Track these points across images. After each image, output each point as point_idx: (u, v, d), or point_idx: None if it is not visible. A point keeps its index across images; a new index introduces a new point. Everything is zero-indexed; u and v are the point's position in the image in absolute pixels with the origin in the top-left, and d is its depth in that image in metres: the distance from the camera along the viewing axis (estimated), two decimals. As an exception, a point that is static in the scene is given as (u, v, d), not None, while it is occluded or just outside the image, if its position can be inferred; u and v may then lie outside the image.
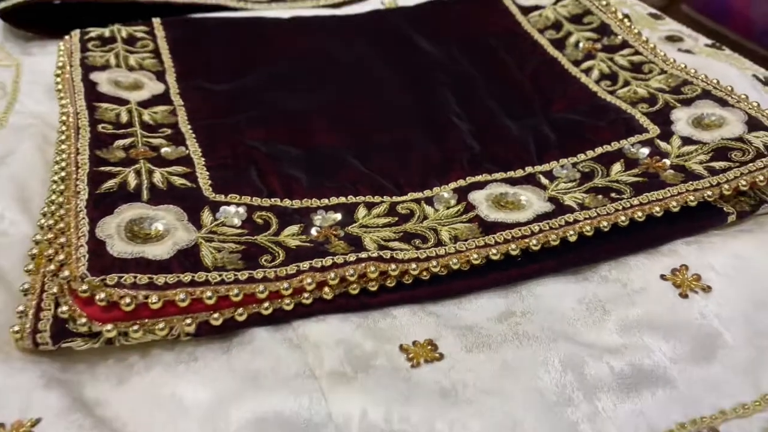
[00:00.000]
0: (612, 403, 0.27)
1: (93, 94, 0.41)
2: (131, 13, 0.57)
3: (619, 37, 0.50)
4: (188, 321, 0.29)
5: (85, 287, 0.28)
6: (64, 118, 0.40)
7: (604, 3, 0.54)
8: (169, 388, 0.28)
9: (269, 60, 0.49)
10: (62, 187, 0.34)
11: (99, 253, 0.29)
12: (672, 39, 0.59)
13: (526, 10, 0.55)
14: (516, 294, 0.33)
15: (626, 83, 0.46)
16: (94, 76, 0.43)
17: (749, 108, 0.41)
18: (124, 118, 0.40)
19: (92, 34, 0.48)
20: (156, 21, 0.51)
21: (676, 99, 0.43)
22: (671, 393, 0.28)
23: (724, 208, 0.36)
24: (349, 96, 0.46)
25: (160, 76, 0.46)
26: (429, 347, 0.29)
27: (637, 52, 0.49)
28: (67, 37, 0.48)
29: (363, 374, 0.28)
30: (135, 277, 0.29)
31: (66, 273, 0.28)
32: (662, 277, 0.33)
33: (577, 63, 0.49)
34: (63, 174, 0.35)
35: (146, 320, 0.28)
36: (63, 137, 0.39)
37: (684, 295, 0.32)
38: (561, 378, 0.28)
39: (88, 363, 0.29)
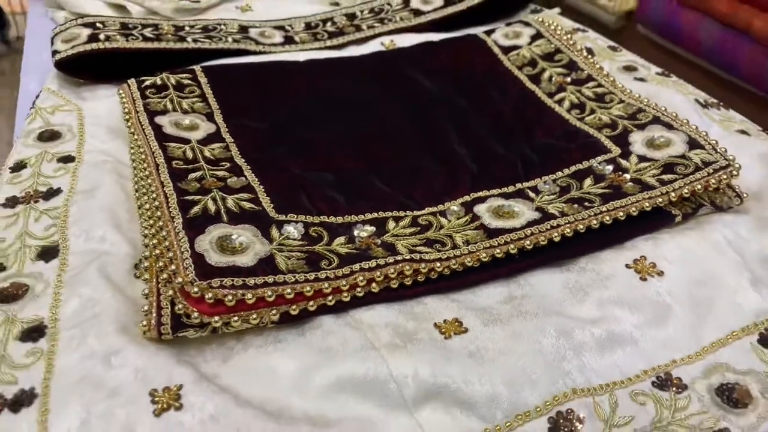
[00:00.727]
0: (594, 358, 0.37)
1: (161, 136, 0.50)
2: (162, 59, 0.66)
3: (585, 72, 0.61)
4: (273, 312, 0.38)
5: (196, 290, 0.37)
6: (142, 157, 0.48)
7: (571, 42, 0.64)
8: (263, 363, 0.37)
9: (293, 99, 0.59)
10: (158, 213, 0.43)
11: (201, 264, 0.38)
12: (628, 69, 0.69)
13: (506, 50, 0.65)
14: (515, 283, 0.42)
15: (592, 111, 0.56)
16: (159, 120, 0.52)
17: (690, 131, 0.51)
18: (190, 154, 0.49)
19: (147, 83, 0.57)
20: (197, 69, 0.60)
21: (632, 124, 0.53)
22: (636, 350, 0.38)
23: (672, 211, 0.47)
24: (365, 128, 0.56)
25: (210, 117, 0.55)
26: (456, 323, 0.39)
27: (600, 85, 0.59)
28: (125, 86, 0.57)
29: (411, 345, 0.37)
30: (232, 281, 0.38)
31: (179, 279, 0.37)
32: (627, 266, 0.43)
33: (551, 95, 0.60)
34: (156, 203, 0.43)
35: (242, 313, 0.37)
36: (146, 173, 0.47)
37: (644, 279, 0.42)
38: (556, 342, 0.37)
39: (197, 348, 0.38)
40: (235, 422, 0.33)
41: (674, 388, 0.35)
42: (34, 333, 0.38)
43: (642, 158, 0.50)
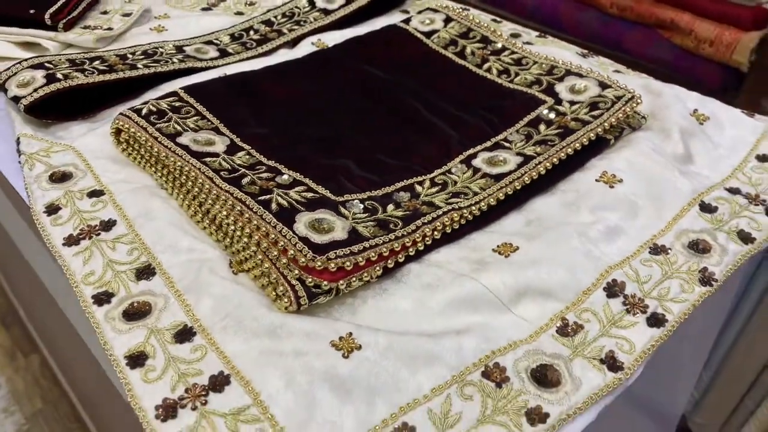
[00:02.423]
0: (606, 246, 0.51)
1: (194, 153, 0.56)
2: (112, 89, 0.70)
3: (498, 43, 0.75)
4: (377, 268, 0.48)
5: (319, 264, 0.45)
6: (192, 174, 0.54)
7: (477, 21, 0.78)
8: (385, 307, 0.46)
9: (277, 104, 0.66)
10: (242, 216, 0.49)
11: (310, 245, 0.47)
12: (515, 35, 0.86)
13: (427, 35, 0.78)
14: (525, 211, 0.55)
15: (517, 74, 0.71)
16: (180, 140, 0.57)
17: (596, 76, 0.68)
18: (227, 165, 0.56)
19: (144, 111, 0.61)
20: (180, 91, 0.65)
21: (553, 78, 0.69)
22: (627, 236, 0.53)
23: (606, 137, 0.63)
24: (353, 118, 0.65)
25: (217, 131, 0.61)
26: (508, 246, 0.51)
27: (513, 52, 0.74)
28: (123, 117, 0.60)
29: (487, 266, 0.49)
30: (343, 251, 0.46)
31: (302, 260, 0.45)
32: (596, 180, 0.58)
33: (479, 66, 0.73)
34: (236, 209, 0.50)
35: (357, 273, 0.47)
36: (197, 189, 0.53)
37: (612, 187, 0.57)
38: (579, 240, 0.51)
39: (327, 312, 0.46)
40: (407, 345, 0.42)
41: (663, 253, 0.51)
42: (185, 334, 0.44)
43: (572, 102, 0.65)
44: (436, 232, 0.51)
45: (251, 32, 0.83)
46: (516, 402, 0.40)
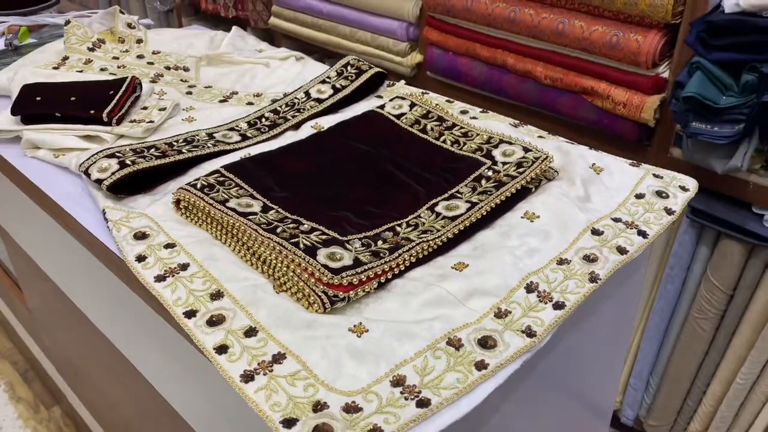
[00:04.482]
0: (527, 259, 0.76)
1: (240, 214, 0.80)
2: (161, 170, 0.94)
3: (450, 121, 1.01)
4: (374, 284, 0.71)
5: (336, 281, 0.69)
6: (242, 228, 0.77)
7: (434, 104, 1.04)
8: (381, 307, 0.70)
9: (292, 175, 0.91)
10: (283, 254, 0.73)
11: (329, 269, 0.70)
12: (464, 112, 1.12)
13: (398, 117, 1.03)
14: (472, 241, 0.80)
15: (465, 143, 0.96)
16: (229, 205, 0.81)
17: (521, 143, 0.93)
18: (263, 220, 0.79)
19: (198, 185, 0.85)
20: (221, 169, 0.89)
21: (490, 146, 0.94)
22: (541, 253, 0.77)
23: (529, 186, 0.88)
24: (348, 182, 0.90)
25: (253, 197, 0.85)
26: (461, 264, 0.75)
27: (462, 127, 1.00)
28: (183, 191, 0.84)
29: (447, 277, 0.73)
30: (352, 271, 0.70)
31: (325, 279, 0.69)
32: (521, 217, 0.83)
33: (437, 139, 0.99)
34: (277, 249, 0.73)
35: (361, 286, 0.70)
36: (245, 239, 0.77)
37: (532, 221, 0.82)
38: (511, 254, 0.76)
39: (340, 311, 0.69)
40: (397, 328, 0.66)
41: (566, 264, 0.76)
42: (252, 332, 0.67)
43: (504, 163, 0.90)
44: (412, 258, 0.75)
45: (263, 119, 1.08)
46: (468, 358, 0.64)
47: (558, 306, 0.70)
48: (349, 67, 1.17)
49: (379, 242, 0.77)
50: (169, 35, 1.43)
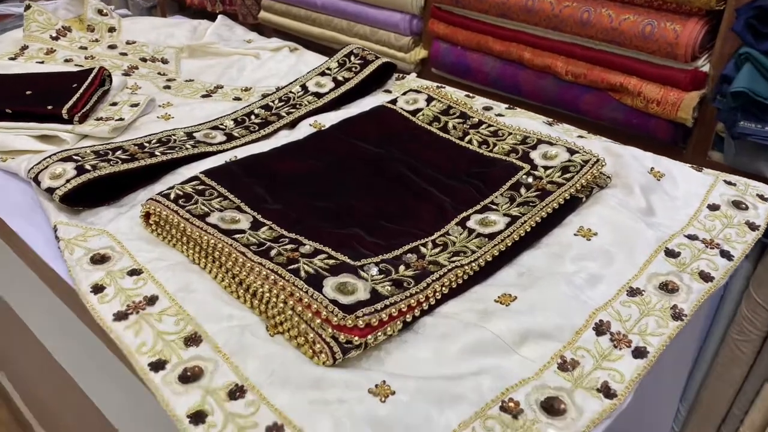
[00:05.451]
0: (588, 290, 0.60)
1: (223, 231, 0.63)
2: (131, 176, 0.77)
3: (475, 118, 0.85)
4: (398, 323, 0.55)
5: (350, 322, 0.52)
6: (226, 250, 0.60)
7: (455, 99, 0.88)
8: (409, 356, 0.53)
9: (288, 182, 0.74)
10: (277, 285, 0.56)
11: (340, 306, 0.54)
12: (487, 108, 0.96)
13: (413, 113, 0.88)
14: (516, 265, 0.64)
15: (495, 144, 0.81)
16: (210, 220, 0.65)
17: (564, 144, 0.78)
18: (253, 240, 0.63)
19: (172, 196, 0.68)
20: (201, 175, 0.72)
21: (527, 147, 0.79)
22: (607, 281, 0.61)
23: (579, 195, 0.72)
24: (356, 190, 0.73)
25: (240, 209, 0.68)
26: (507, 296, 0.59)
27: (489, 125, 0.84)
28: (153, 202, 0.67)
29: (491, 315, 0.56)
30: (369, 309, 0.54)
31: (335, 320, 0.52)
32: (575, 234, 0.67)
33: (461, 139, 0.83)
34: (271, 279, 0.57)
35: (382, 328, 0.54)
36: (230, 263, 0.60)
37: (589, 239, 0.66)
38: (567, 286, 0.60)
39: (355, 363, 0.53)
40: (433, 388, 0.49)
41: (639, 295, 0.60)
42: (237, 393, 0.50)
43: (545, 167, 0.75)
44: (444, 288, 0.59)
45: (252, 116, 0.92)
46: (531, 430, 0.47)
47: (639, 353, 0.54)
48: (352, 57, 1.01)
49: (401, 267, 0.61)
50: (147, 24, 1.27)
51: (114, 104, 0.95)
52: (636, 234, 0.66)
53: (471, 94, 1.00)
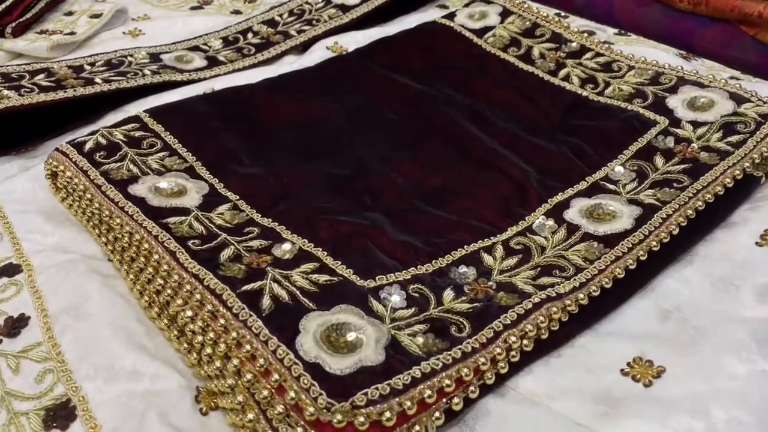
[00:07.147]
0: None
1: (150, 211, 0.37)
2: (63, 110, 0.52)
3: (574, 43, 0.56)
4: (437, 414, 0.29)
5: (339, 417, 0.26)
6: (146, 246, 0.35)
7: (544, 14, 0.59)
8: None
9: (278, 131, 0.48)
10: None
11: (322, 377, 0.28)
12: (589, 33, 0.66)
13: (479, 33, 0.59)
14: (654, 293, 0.36)
15: (607, 83, 0.52)
16: (134, 190, 0.39)
17: (723, 86, 0.48)
18: (199, 227, 0.37)
19: (89, 145, 0.43)
20: (143, 114, 0.46)
21: (661, 89, 0.50)
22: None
23: (754, 173, 0.43)
24: (384, 149, 0.46)
25: (192, 172, 0.42)
26: (645, 363, 0.32)
27: (598, 54, 0.55)
28: (57, 154, 0.42)
29: (617, 404, 0.29)
30: (377, 389, 0.27)
31: (309, 410, 0.26)
32: (756, 243, 0.39)
33: (552, 73, 0.54)
34: (208, 306, 0.31)
35: (401, 427, 0.28)
36: (153, 267, 0.35)
37: (784, 253, 0.38)
38: (757, 349, 0.32)
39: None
40: None
41: None
42: None
43: (695, 123, 0.46)
44: (525, 341, 0.32)
45: (249, 35, 0.65)
46: None
47: None
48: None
49: (447, 292, 0.34)
50: None
51: (69, 14, 0.71)
52: None
53: (565, 14, 0.70)
